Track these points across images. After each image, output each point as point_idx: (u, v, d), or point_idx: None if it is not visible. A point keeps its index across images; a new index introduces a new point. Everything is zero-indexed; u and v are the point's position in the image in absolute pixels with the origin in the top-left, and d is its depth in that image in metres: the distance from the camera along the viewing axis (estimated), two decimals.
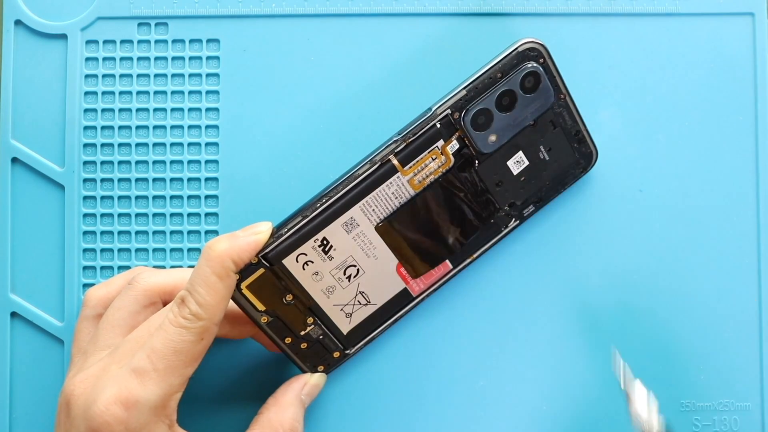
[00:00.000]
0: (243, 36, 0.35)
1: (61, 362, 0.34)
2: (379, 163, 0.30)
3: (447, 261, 0.33)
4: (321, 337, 0.32)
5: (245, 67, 0.35)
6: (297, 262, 0.30)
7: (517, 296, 0.34)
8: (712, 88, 0.35)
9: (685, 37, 0.35)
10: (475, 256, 0.33)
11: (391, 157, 0.30)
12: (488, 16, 0.35)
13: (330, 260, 0.31)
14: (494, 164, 0.32)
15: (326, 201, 0.30)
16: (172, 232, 0.35)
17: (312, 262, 0.30)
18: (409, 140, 0.30)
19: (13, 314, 0.35)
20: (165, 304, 0.32)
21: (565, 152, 0.32)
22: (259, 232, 0.29)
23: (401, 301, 0.33)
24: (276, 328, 0.31)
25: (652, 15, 0.35)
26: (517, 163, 0.32)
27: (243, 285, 0.30)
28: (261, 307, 0.30)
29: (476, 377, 0.34)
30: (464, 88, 0.30)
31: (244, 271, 0.29)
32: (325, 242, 0.30)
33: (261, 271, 0.30)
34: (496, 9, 0.35)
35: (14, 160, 0.35)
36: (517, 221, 0.33)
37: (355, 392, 0.34)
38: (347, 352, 0.33)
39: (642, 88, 0.35)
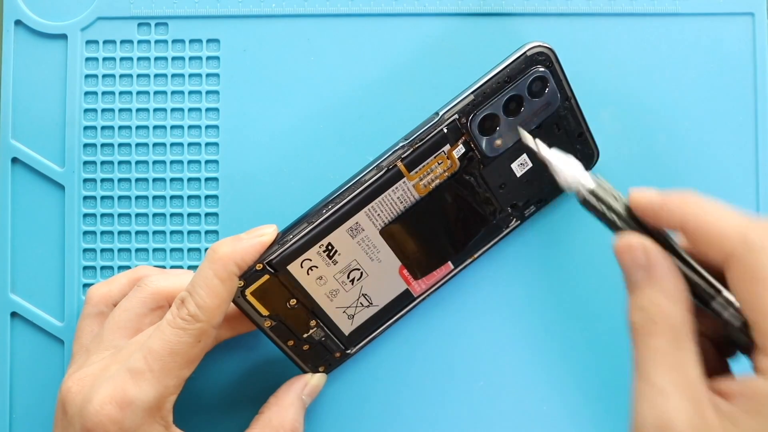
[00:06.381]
0: (243, 36, 0.35)
1: (61, 362, 0.34)
2: (386, 168, 0.30)
3: (449, 261, 0.33)
4: (323, 338, 0.32)
5: (245, 67, 0.35)
6: (302, 267, 0.30)
7: (517, 296, 0.34)
8: (712, 88, 0.35)
9: (685, 37, 0.35)
10: (476, 256, 0.33)
11: (398, 162, 0.30)
12: (488, 16, 0.35)
13: (334, 265, 0.31)
14: (499, 167, 0.32)
15: (332, 207, 0.30)
16: (172, 232, 0.35)
17: (316, 267, 0.30)
18: (416, 145, 0.30)
19: (13, 314, 0.35)
20: None
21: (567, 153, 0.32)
22: (263, 235, 0.29)
23: (403, 301, 0.33)
24: (279, 331, 0.31)
25: (652, 15, 0.35)
26: (521, 165, 0.32)
27: (247, 291, 0.30)
28: (264, 312, 0.30)
29: (476, 377, 0.34)
30: (472, 92, 0.30)
31: (248, 278, 0.29)
32: (330, 247, 0.30)
33: (266, 277, 0.30)
34: (496, 9, 0.35)
35: (14, 160, 0.35)
36: (518, 221, 0.33)
37: (355, 392, 0.34)
38: (348, 352, 0.33)
39: (642, 88, 0.35)
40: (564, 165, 0.26)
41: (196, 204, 0.35)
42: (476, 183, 0.31)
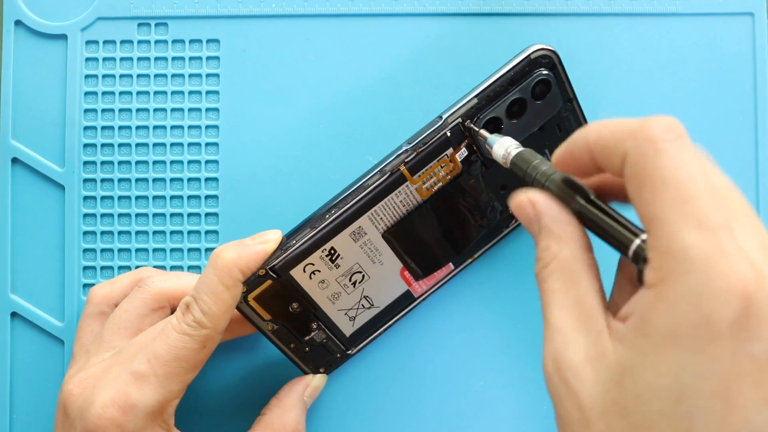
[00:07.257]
0: (243, 36, 0.35)
1: (61, 362, 0.34)
2: (389, 172, 0.30)
3: (450, 262, 0.33)
4: (324, 340, 0.32)
5: (245, 67, 0.35)
6: (304, 272, 0.30)
7: (516, 295, 0.34)
8: (712, 88, 0.35)
9: (685, 37, 0.35)
10: (476, 256, 0.33)
11: (401, 166, 0.30)
12: (488, 16, 0.35)
13: (337, 268, 0.31)
14: (500, 169, 0.32)
15: (335, 212, 0.30)
16: (172, 232, 0.35)
17: (319, 271, 0.30)
18: (420, 149, 0.30)
19: (13, 314, 0.35)
20: (173, 308, 0.32)
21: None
22: (268, 241, 0.29)
23: (403, 302, 0.33)
24: (281, 335, 0.31)
25: (652, 15, 0.35)
26: None
27: (250, 297, 0.30)
28: (267, 316, 0.30)
29: (475, 378, 0.34)
30: (475, 96, 0.30)
31: (251, 283, 0.29)
32: (332, 252, 0.30)
33: (269, 282, 0.30)
34: (496, 9, 0.35)
35: (14, 160, 0.35)
36: (519, 221, 0.33)
37: (355, 392, 0.34)
38: (349, 352, 0.33)
39: (642, 88, 0.35)
40: (498, 138, 0.27)
41: (196, 204, 0.35)
42: (478, 185, 0.31)
